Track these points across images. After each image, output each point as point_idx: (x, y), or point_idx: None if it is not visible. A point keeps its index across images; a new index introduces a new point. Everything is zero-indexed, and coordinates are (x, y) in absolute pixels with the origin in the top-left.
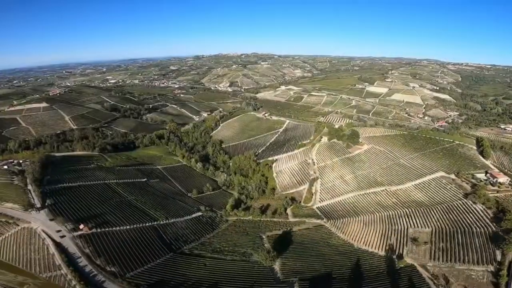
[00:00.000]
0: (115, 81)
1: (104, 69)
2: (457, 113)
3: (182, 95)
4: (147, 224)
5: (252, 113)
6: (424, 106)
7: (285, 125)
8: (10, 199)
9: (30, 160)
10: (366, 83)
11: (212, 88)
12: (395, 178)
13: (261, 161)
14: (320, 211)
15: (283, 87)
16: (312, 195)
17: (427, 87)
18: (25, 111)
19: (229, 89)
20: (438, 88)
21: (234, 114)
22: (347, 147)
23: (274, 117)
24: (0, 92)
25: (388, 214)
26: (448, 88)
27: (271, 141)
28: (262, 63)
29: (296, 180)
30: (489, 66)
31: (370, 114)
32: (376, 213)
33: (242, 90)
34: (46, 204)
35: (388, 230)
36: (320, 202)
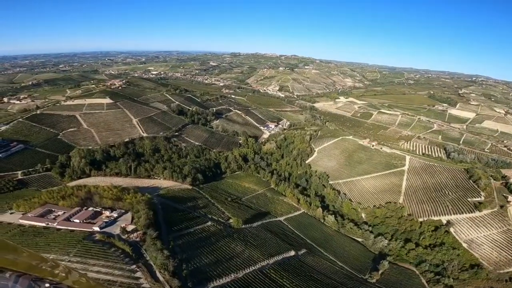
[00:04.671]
0: (157, 72)
1: (143, 59)
2: None
3: (232, 95)
4: None
5: (350, 137)
6: None
7: (407, 161)
8: None
9: (129, 210)
10: (445, 104)
11: (261, 91)
12: None
13: (421, 220)
14: None
15: (343, 99)
16: None
17: None
18: (86, 107)
19: (280, 94)
20: None
21: (324, 135)
22: None
23: (385, 149)
24: (47, 77)
25: None
26: None
27: (404, 186)
28: (306, 67)
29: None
30: None
31: (460, 142)
32: None
33: (294, 96)
34: None
35: None
36: None
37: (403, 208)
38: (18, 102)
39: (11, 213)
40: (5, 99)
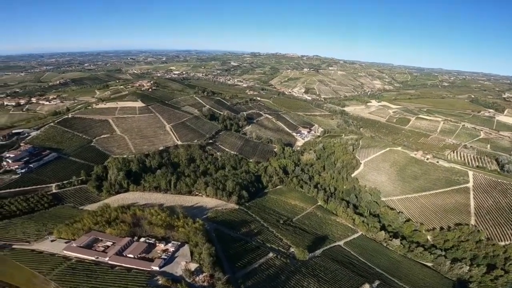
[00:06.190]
0: (179, 72)
1: (164, 58)
2: None
3: (258, 97)
4: None
5: (398, 149)
6: None
7: (470, 177)
8: None
9: (185, 242)
10: (491, 110)
11: (286, 93)
12: None
13: (502, 243)
14: None
15: (375, 103)
16: None
17: None
18: (118, 111)
19: (306, 96)
20: None
21: (368, 145)
22: None
23: (442, 162)
24: (74, 75)
25: None
26: None
27: (473, 205)
28: (330, 68)
29: None
30: None
31: None
32: None
33: (322, 99)
34: None
35: None
36: None
37: (480, 232)
38: (47, 103)
39: (52, 241)
40: (34, 99)
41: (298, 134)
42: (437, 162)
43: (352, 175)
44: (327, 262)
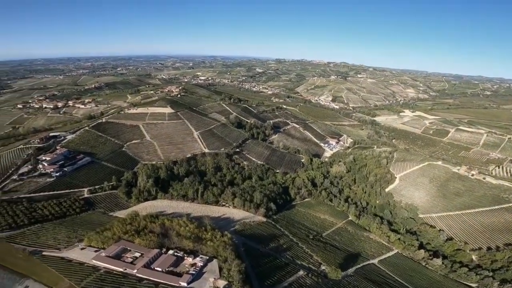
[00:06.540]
0: (205, 78)
1: (191, 64)
2: None
3: (283, 105)
4: None
5: (439, 163)
6: None
7: None
8: None
9: (214, 256)
10: None
11: (313, 101)
12: None
13: None
14: None
15: (408, 112)
16: None
17: None
18: (148, 117)
19: (333, 105)
20: None
21: (403, 159)
22: None
23: (489, 179)
24: (107, 79)
25: None
26: None
27: None
28: (359, 76)
29: None
30: None
31: None
32: None
33: (350, 108)
34: None
35: None
36: None
37: None
38: (82, 106)
39: (81, 249)
40: (70, 103)
41: (326, 145)
42: (484, 178)
43: (386, 190)
44: (361, 282)
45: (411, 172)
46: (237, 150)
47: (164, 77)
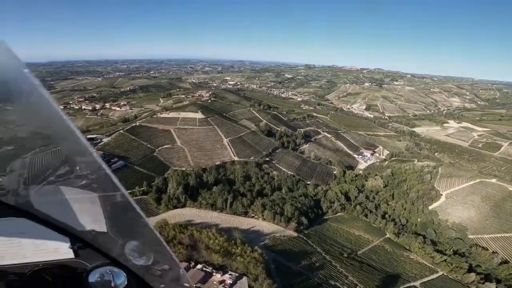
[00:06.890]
0: (233, 83)
1: (220, 68)
2: None
3: (314, 113)
4: None
5: (493, 181)
6: None
7: None
8: None
9: (243, 273)
10: None
11: (345, 109)
12: None
13: None
14: None
15: (453, 123)
16: None
17: None
18: (180, 122)
19: (367, 114)
20: None
21: (450, 174)
22: None
23: None
24: (141, 82)
25: None
26: None
27: None
28: (395, 83)
29: None
30: None
31: None
32: None
33: (386, 117)
34: None
35: None
36: None
37: None
38: (118, 109)
39: None
40: (107, 105)
41: (360, 156)
42: None
43: (430, 207)
44: None
45: (460, 190)
46: (267, 159)
47: (194, 81)
